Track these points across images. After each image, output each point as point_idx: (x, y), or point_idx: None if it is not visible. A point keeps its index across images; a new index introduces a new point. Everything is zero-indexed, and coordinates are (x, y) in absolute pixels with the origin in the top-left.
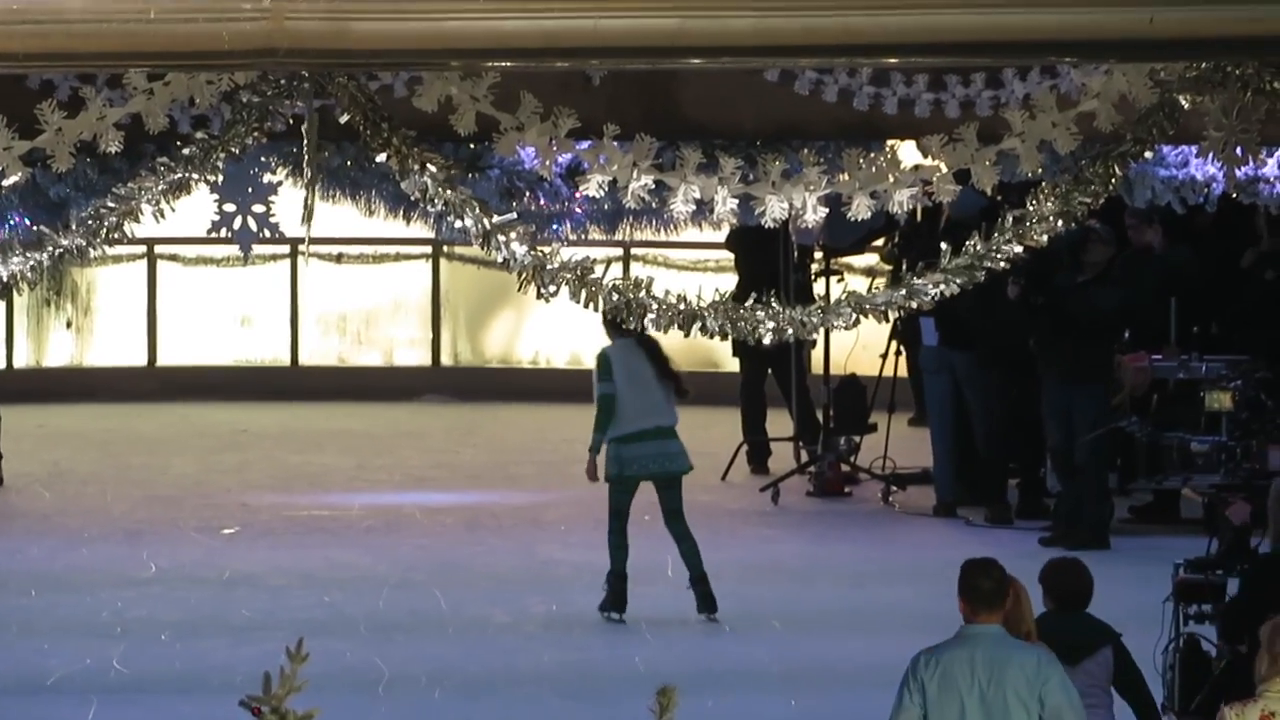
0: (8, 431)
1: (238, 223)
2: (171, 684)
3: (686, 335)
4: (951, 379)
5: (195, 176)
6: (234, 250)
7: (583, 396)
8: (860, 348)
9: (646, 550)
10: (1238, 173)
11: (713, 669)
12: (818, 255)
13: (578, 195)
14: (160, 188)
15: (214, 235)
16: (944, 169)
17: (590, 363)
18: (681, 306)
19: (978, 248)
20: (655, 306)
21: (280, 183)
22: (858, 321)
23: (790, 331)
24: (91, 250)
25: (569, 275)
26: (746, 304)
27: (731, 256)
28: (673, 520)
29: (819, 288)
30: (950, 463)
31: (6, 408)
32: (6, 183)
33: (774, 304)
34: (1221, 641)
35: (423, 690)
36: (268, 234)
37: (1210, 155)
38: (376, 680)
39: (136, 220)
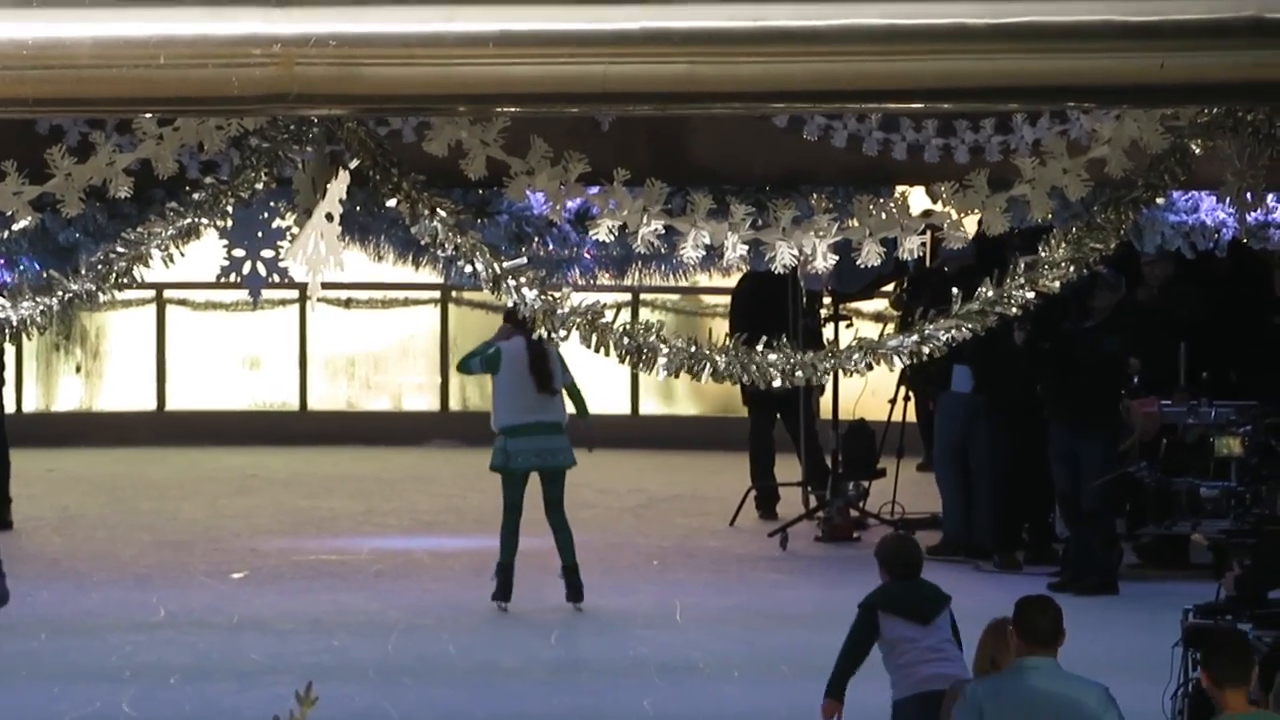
0: (18, 475)
1: (247, 268)
2: None
3: (697, 379)
4: (985, 425)
5: (204, 221)
6: (243, 295)
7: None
8: (869, 393)
9: (654, 595)
10: (1249, 217)
11: (721, 714)
12: (826, 300)
13: (587, 240)
14: (169, 233)
15: (223, 280)
16: (954, 215)
17: (598, 408)
18: (693, 350)
19: (990, 294)
20: (666, 350)
21: (289, 228)
22: (870, 367)
23: (801, 376)
24: (101, 295)
25: (579, 319)
26: (758, 348)
27: (728, 302)
28: (553, 511)
29: (827, 333)
30: (990, 510)
31: (16, 452)
32: (16, 227)
33: (785, 348)
34: None
35: None
36: (276, 279)
37: (1227, 200)
38: None
39: (146, 265)
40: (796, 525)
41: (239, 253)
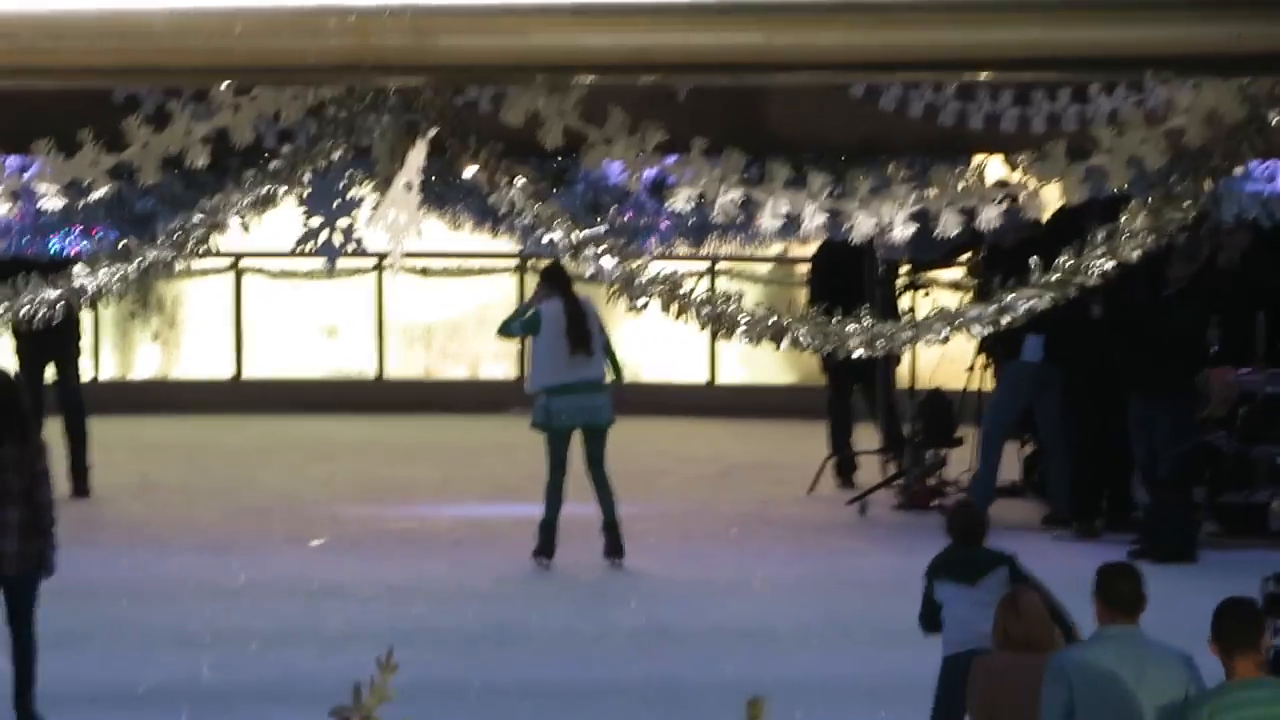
0: (97, 443)
1: (323, 236)
2: (261, 694)
3: (777, 348)
4: (1055, 394)
5: (281, 190)
6: (319, 263)
7: (672, 409)
8: (946, 361)
9: (732, 563)
10: None
11: (800, 680)
12: (903, 269)
13: (664, 209)
14: (246, 201)
15: (300, 249)
16: (1031, 185)
17: (677, 376)
18: (772, 320)
19: (1070, 264)
20: (746, 319)
21: (366, 197)
22: (949, 338)
23: (881, 346)
24: (178, 263)
25: (659, 287)
26: (837, 318)
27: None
28: (594, 468)
29: (904, 302)
30: (1066, 477)
31: (94, 419)
32: (93, 196)
33: (864, 319)
34: None
35: (512, 702)
36: (353, 248)
37: None
38: (465, 692)
39: (223, 233)
40: (875, 493)
41: (316, 221)
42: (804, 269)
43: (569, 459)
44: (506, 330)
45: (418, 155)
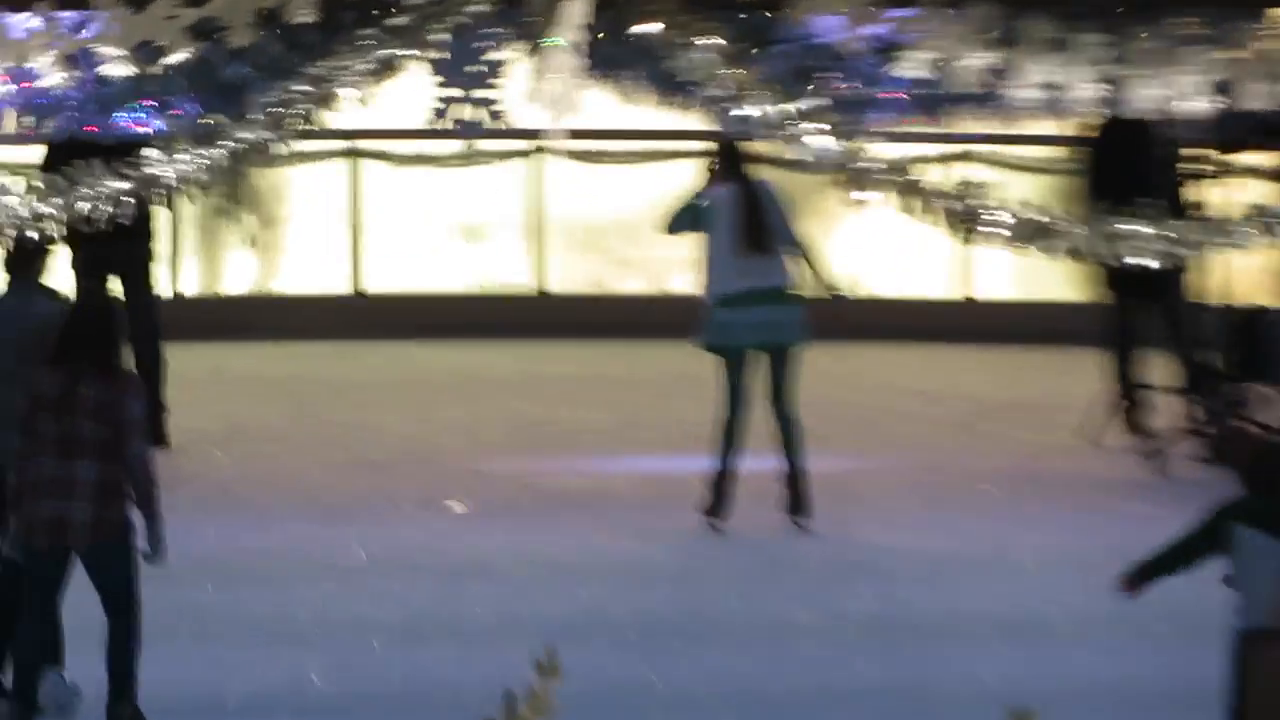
0: (176, 378)
1: (462, 111)
2: (386, 704)
3: (1049, 255)
4: None
5: (407, 53)
6: (458, 146)
7: (909, 333)
8: (1264, 273)
9: (989, 533)
10: None
11: (1081, 686)
12: (1204, 155)
13: (895, 76)
14: (363, 67)
15: (433, 127)
16: None
17: (914, 290)
18: (1043, 220)
19: None
20: (1010, 218)
21: (514, 61)
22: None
23: (1183, 254)
24: (278, 146)
25: (890, 176)
26: (1127, 216)
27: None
28: (777, 400)
29: (1191, 195)
30: None
31: (175, 348)
32: (171, 60)
33: (1161, 219)
34: None
35: (710, 714)
36: (500, 125)
37: None
38: (650, 701)
39: (334, 109)
40: (1175, 442)
41: (452, 92)
42: (1075, 155)
43: (749, 389)
44: (673, 227)
45: (580, 6)
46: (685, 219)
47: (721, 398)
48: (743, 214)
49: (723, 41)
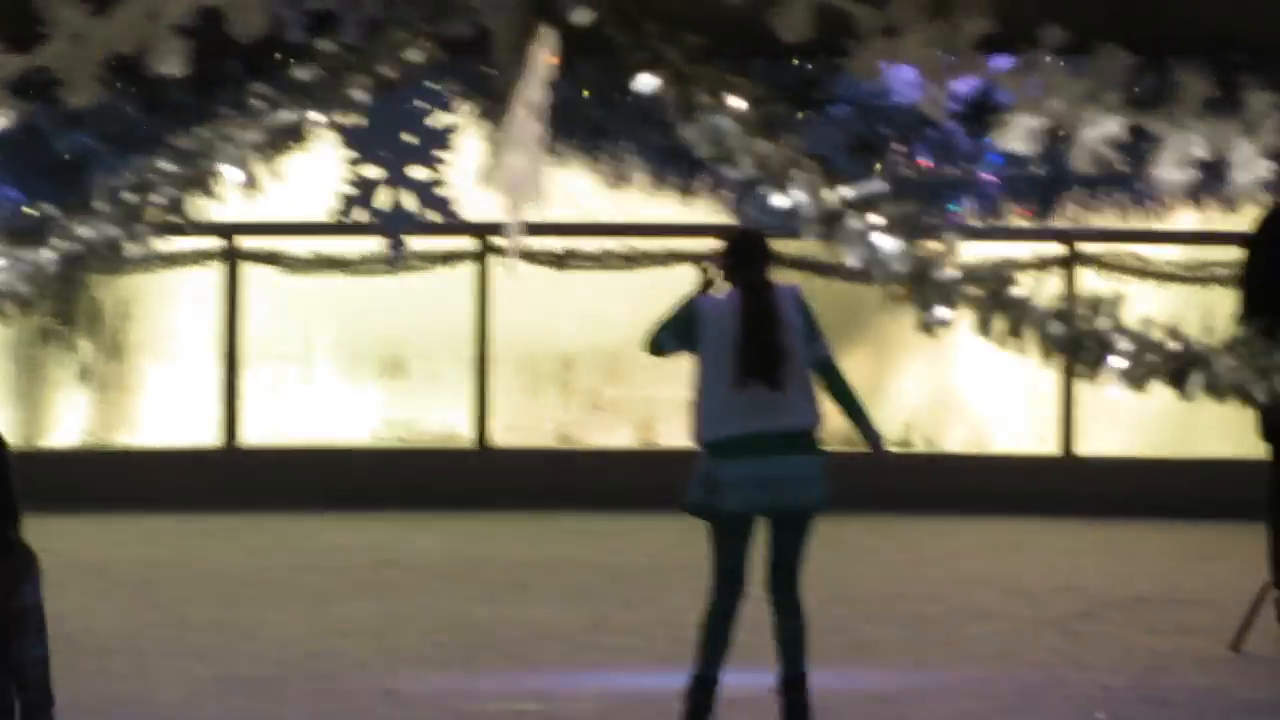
0: None
1: (384, 198)
2: None
3: (1183, 395)
4: None
5: (314, 117)
6: (378, 245)
7: (997, 504)
8: None
9: None
10: None
11: None
12: None
13: (988, 151)
14: (253, 138)
15: (344, 220)
16: None
17: (1000, 444)
18: (1173, 346)
19: None
20: (1127, 345)
21: (458, 128)
22: None
23: None
24: (129, 245)
25: (973, 289)
26: None
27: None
28: (779, 583)
29: None
30: None
31: None
32: None
33: None
34: None
35: None
36: (436, 217)
37: None
38: None
39: (209, 194)
40: None
41: (372, 173)
42: (1232, 256)
43: (747, 569)
44: (656, 344)
45: (546, 55)
46: (675, 331)
47: (715, 572)
48: (747, 330)
49: (751, 102)
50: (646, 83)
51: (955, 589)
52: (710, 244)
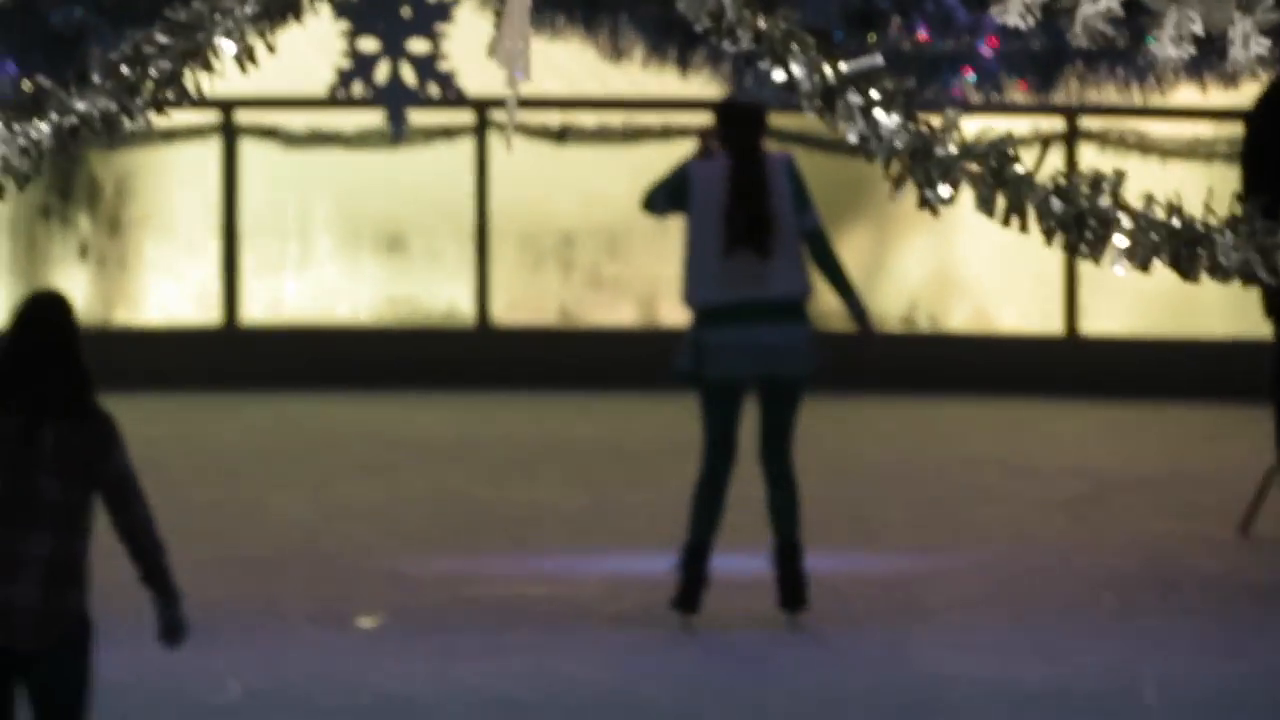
0: None
1: (382, 72)
2: None
3: (1187, 276)
4: None
5: None
6: (376, 120)
7: (994, 383)
8: None
9: (1109, 658)
10: None
11: None
12: None
13: (986, 23)
14: (248, 9)
15: (340, 95)
16: None
17: (1003, 324)
18: (1175, 223)
19: None
20: (1130, 223)
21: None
22: None
23: None
24: (127, 119)
25: (974, 164)
26: None
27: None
28: (771, 453)
29: None
30: None
31: None
32: None
33: None
34: None
35: None
36: (436, 92)
37: None
38: None
39: (206, 68)
40: None
41: (369, 46)
42: (1234, 133)
43: (738, 430)
44: (651, 203)
45: None
46: (667, 193)
47: (706, 443)
48: (735, 197)
49: None
50: None
51: (961, 470)
52: (707, 118)
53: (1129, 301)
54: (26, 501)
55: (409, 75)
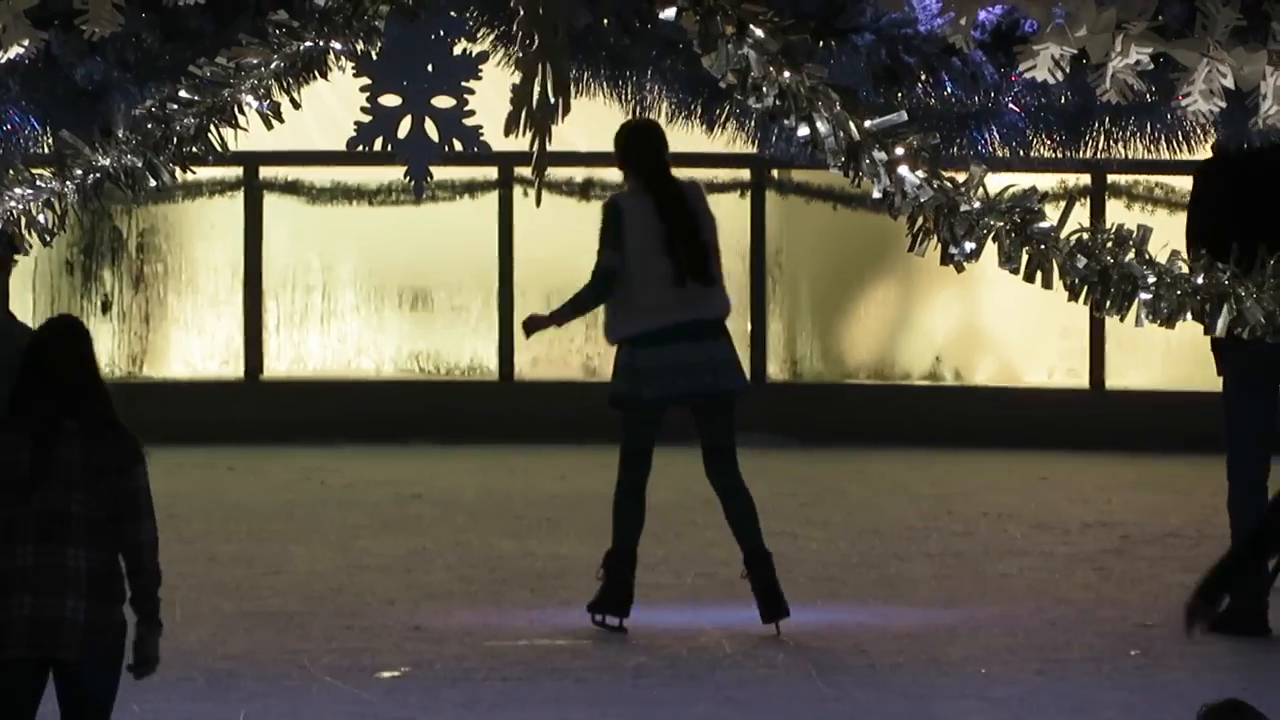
0: None
1: (405, 128)
2: None
3: (1210, 331)
4: None
5: (334, 47)
6: (398, 174)
7: (1027, 438)
8: None
9: (1138, 717)
10: None
11: None
12: None
13: (1014, 81)
14: (273, 66)
15: (361, 149)
16: None
17: (1029, 377)
18: (1199, 280)
19: None
20: (1154, 280)
21: (486, 57)
22: None
23: None
24: (150, 176)
25: (999, 224)
26: None
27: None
28: (719, 468)
29: None
30: None
31: None
32: (2, 57)
33: None
34: None
35: None
36: (460, 147)
37: None
38: None
39: (230, 124)
40: None
41: (391, 101)
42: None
43: (655, 444)
44: (603, 272)
45: None
46: (614, 242)
47: (626, 454)
48: (672, 230)
49: (773, 31)
50: (669, 12)
51: (986, 524)
52: (731, 173)
53: (1155, 355)
54: (60, 516)
55: (431, 130)
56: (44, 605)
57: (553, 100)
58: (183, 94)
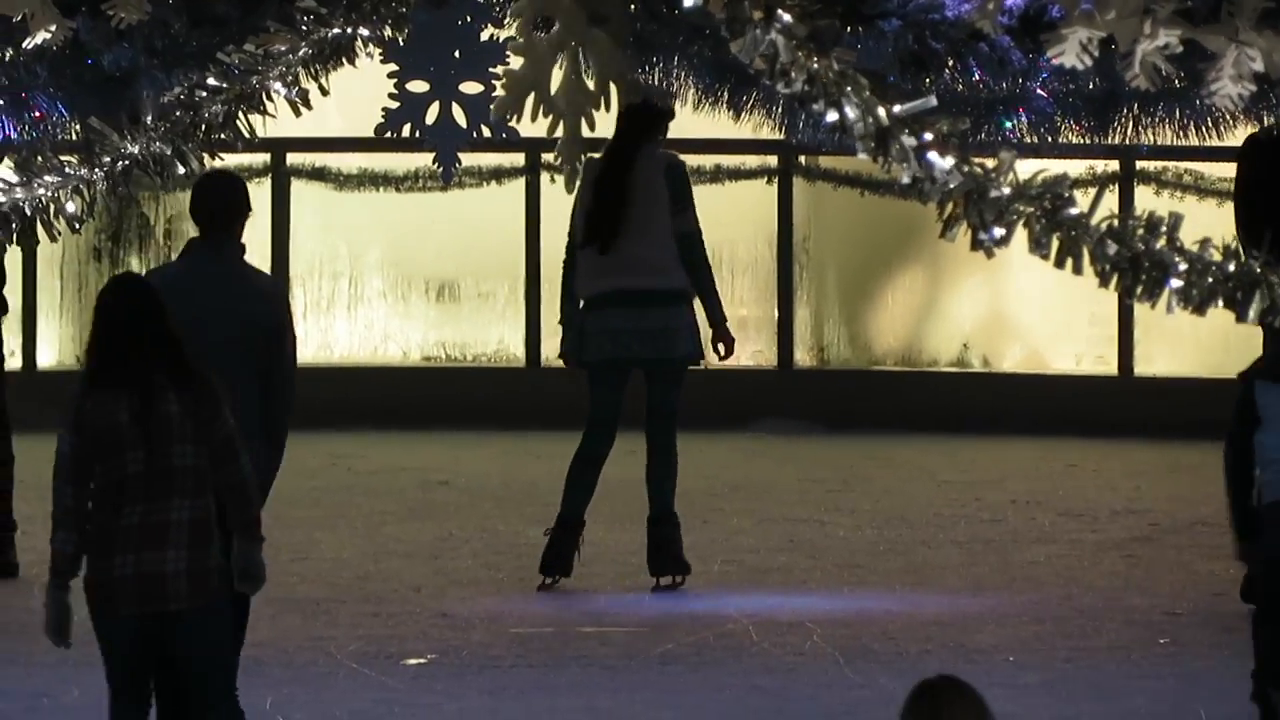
0: (28, 482)
1: (433, 114)
2: None
3: (1243, 318)
4: None
5: (361, 33)
6: (425, 161)
7: (1055, 425)
8: None
9: (1166, 707)
10: None
11: None
12: None
13: (1042, 67)
14: (300, 53)
15: (390, 135)
16: None
17: (1056, 364)
18: (1231, 267)
19: None
20: (1186, 266)
21: (509, 43)
22: None
23: None
24: (179, 162)
25: (1029, 209)
26: None
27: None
28: (654, 424)
29: None
30: None
31: (25, 440)
32: (30, 44)
33: None
34: None
35: None
36: (487, 133)
37: None
38: None
39: (258, 111)
40: None
41: (419, 87)
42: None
43: (616, 414)
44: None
45: None
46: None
47: (588, 421)
48: (596, 196)
49: (801, 17)
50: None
51: (1014, 511)
52: (761, 160)
53: (1184, 342)
54: (166, 471)
55: (459, 116)
56: (146, 561)
57: (593, 89)
58: (211, 81)
